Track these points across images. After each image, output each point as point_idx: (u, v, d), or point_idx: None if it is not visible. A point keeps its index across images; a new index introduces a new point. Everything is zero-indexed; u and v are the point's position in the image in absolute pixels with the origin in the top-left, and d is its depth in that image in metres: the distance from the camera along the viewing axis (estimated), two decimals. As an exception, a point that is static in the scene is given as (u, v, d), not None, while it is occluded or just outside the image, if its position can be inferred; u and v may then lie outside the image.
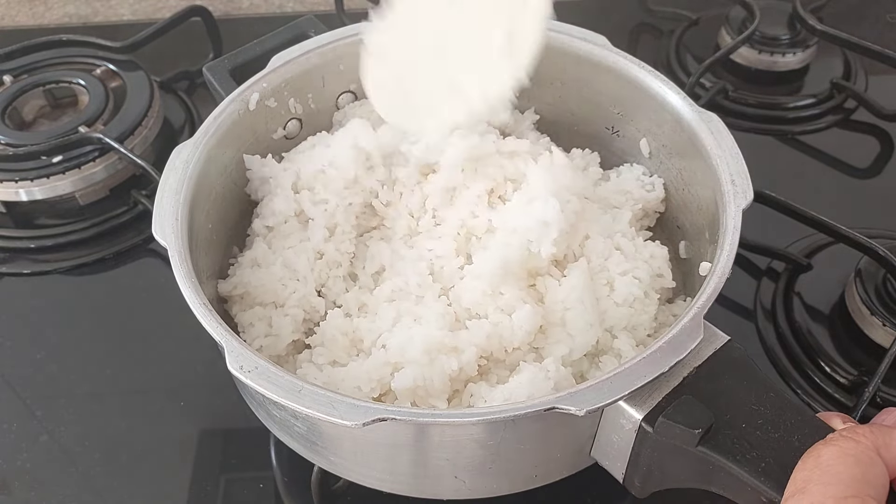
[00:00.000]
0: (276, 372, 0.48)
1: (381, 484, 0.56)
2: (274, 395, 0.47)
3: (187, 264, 0.54)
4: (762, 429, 0.47)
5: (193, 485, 0.65)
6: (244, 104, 0.66)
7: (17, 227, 0.85)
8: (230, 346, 0.50)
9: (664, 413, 0.47)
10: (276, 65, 0.68)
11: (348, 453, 0.55)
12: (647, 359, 0.48)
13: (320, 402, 0.47)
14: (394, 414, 0.46)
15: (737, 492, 0.47)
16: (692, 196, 0.65)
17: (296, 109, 0.70)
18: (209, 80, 0.72)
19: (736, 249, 0.54)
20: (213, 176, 0.63)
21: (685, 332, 0.49)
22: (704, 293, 0.52)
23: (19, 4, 1.14)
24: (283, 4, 1.15)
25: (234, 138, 0.65)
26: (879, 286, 0.71)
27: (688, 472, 0.49)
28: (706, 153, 0.61)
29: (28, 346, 0.75)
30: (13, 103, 0.90)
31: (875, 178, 0.89)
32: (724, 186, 0.58)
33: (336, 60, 0.70)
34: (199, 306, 0.52)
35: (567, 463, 0.56)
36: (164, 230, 0.56)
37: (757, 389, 0.49)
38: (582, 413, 0.46)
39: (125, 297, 0.79)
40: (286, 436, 0.57)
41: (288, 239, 0.64)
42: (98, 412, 0.70)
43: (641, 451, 0.50)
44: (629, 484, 0.53)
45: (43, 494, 0.65)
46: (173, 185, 0.59)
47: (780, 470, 0.44)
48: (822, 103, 0.94)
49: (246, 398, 0.60)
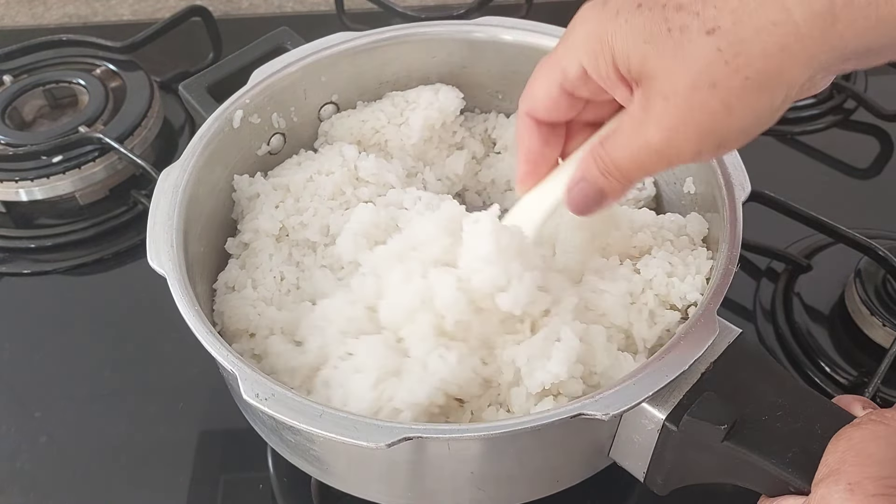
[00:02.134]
0: (294, 397, 0.47)
1: (400, 502, 0.55)
2: (295, 421, 0.46)
3: (188, 292, 0.53)
4: (783, 420, 0.47)
5: (193, 485, 0.65)
6: (228, 122, 0.65)
7: (17, 227, 0.85)
8: (243, 374, 0.48)
9: (688, 411, 0.47)
10: (257, 80, 0.67)
11: (368, 474, 0.54)
12: (666, 359, 0.48)
13: (342, 426, 0.46)
14: (419, 432, 0.46)
15: (763, 483, 0.47)
16: (685, 191, 0.65)
17: (279, 124, 0.69)
18: (186, 98, 0.70)
19: (740, 243, 0.54)
20: (202, 198, 0.62)
21: (700, 328, 0.50)
22: (714, 289, 0.52)
23: (19, 4, 1.14)
24: (283, 4, 1.14)
25: (221, 157, 0.64)
26: (879, 286, 0.71)
27: (712, 467, 0.49)
28: None
29: (28, 346, 0.75)
30: (13, 103, 0.90)
31: (875, 178, 0.89)
32: (720, 180, 0.58)
33: (317, 72, 0.69)
34: (206, 334, 0.51)
35: (587, 466, 0.56)
36: (161, 258, 0.55)
37: (774, 380, 0.49)
38: (608, 418, 0.46)
39: (125, 297, 0.78)
40: (301, 460, 0.56)
41: (259, 256, 0.63)
42: (97, 413, 0.70)
43: (665, 450, 0.50)
44: (651, 482, 0.53)
45: (41, 496, 0.65)
46: (165, 211, 0.58)
47: (807, 459, 0.44)
48: (822, 103, 0.94)
49: (255, 425, 0.59)
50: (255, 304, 0.60)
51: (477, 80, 0.74)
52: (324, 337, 0.56)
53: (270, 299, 0.61)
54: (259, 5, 1.14)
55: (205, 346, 0.51)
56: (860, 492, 0.40)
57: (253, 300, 0.60)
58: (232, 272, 0.63)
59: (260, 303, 0.60)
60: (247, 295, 0.60)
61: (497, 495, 0.54)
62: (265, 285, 0.61)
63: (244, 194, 0.66)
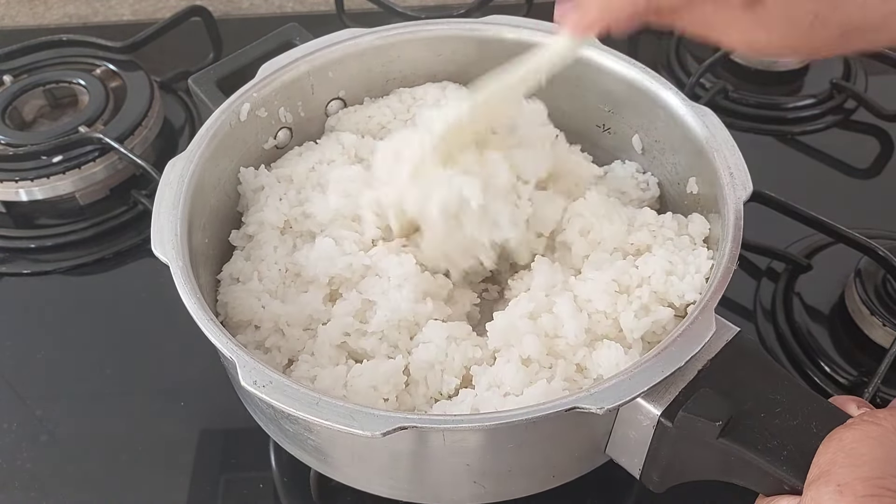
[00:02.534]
0: (291, 385, 0.48)
1: (399, 493, 0.56)
2: (291, 408, 0.47)
3: (191, 280, 0.54)
4: (780, 417, 0.47)
5: (193, 485, 0.65)
6: (235, 115, 0.65)
7: (17, 227, 0.85)
8: (242, 362, 0.49)
9: (683, 407, 0.47)
10: (265, 74, 0.67)
11: (366, 465, 0.54)
12: (662, 354, 0.49)
13: (339, 414, 0.46)
14: (414, 422, 0.46)
15: (758, 481, 0.47)
16: (688, 191, 0.65)
17: (286, 118, 0.69)
18: (195, 91, 0.71)
19: (741, 242, 0.55)
20: (207, 189, 0.62)
21: (698, 325, 0.50)
22: (713, 287, 0.52)
23: (19, 4, 1.14)
24: (283, 4, 1.15)
25: (227, 150, 0.64)
26: (879, 286, 0.71)
27: (708, 464, 0.49)
28: (702, 147, 0.61)
29: (28, 346, 0.75)
30: (13, 103, 0.90)
31: (875, 178, 0.89)
32: (722, 179, 0.58)
33: (324, 68, 0.69)
34: (206, 322, 0.51)
35: (583, 461, 0.56)
36: (165, 246, 0.55)
37: (771, 378, 0.49)
38: (602, 412, 0.46)
39: (125, 297, 0.79)
40: (299, 450, 0.57)
41: (263, 248, 0.63)
42: (98, 412, 0.70)
43: (660, 447, 0.50)
44: (646, 479, 0.53)
45: (42, 494, 0.65)
46: (170, 201, 0.58)
47: (802, 457, 0.44)
48: (822, 103, 0.94)
49: (255, 414, 0.59)
50: (259, 296, 0.60)
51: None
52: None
53: (275, 291, 0.61)
54: (259, 5, 1.14)
55: (205, 334, 0.51)
56: (850, 493, 0.39)
57: (258, 292, 0.60)
58: (237, 263, 0.63)
59: (265, 294, 0.60)
60: (252, 287, 0.61)
61: (494, 489, 0.54)
62: (270, 277, 0.61)
63: (249, 186, 0.66)
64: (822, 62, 0.97)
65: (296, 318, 0.59)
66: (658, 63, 1.00)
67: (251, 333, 0.60)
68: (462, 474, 0.52)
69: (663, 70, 0.99)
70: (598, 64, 0.68)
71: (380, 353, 0.57)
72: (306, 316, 0.60)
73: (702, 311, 0.51)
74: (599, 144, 0.72)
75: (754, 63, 0.97)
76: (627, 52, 0.67)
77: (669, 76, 0.98)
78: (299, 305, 0.60)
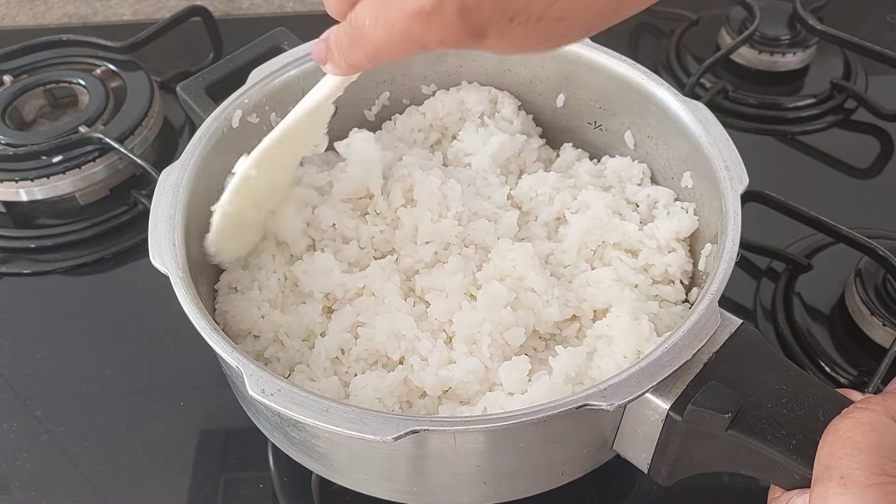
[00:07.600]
0: (300, 392, 0.47)
1: (408, 497, 0.55)
2: (301, 416, 0.46)
3: (192, 290, 0.53)
4: (787, 407, 0.47)
5: (193, 485, 0.65)
6: (227, 122, 0.64)
7: (17, 227, 0.85)
8: (249, 371, 0.48)
9: (692, 400, 0.48)
10: (255, 80, 0.67)
11: (374, 470, 0.54)
12: (668, 349, 0.49)
13: (350, 420, 0.46)
14: (426, 425, 0.46)
15: (768, 472, 0.47)
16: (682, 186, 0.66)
17: (277, 124, 0.69)
18: (184, 99, 0.70)
19: (739, 234, 0.55)
20: (202, 198, 0.61)
21: (703, 318, 0.50)
22: (715, 279, 0.52)
23: (19, 4, 1.14)
24: (284, 4, 1.15)
25: (220, 157, 0.64)
26: (879, 286, 0.71)
27: (717, 456, 0.49)
28: (696, 142, 0.61)
29: (28, 346, 0.75)
30: (13, 103, 0.90)
31: (875, 178, 0.89)
32: (719, 173, 0.58)
33: (314, 72, 0.68)
34: (210, 332, 0.51)
35: (591, 458, 0.56)
36: (164, 257, 0.55)
37: (776, 369, 0.49)
38: (612, 408, 0.46)
39: (125, 297, 0.79)
40: (306, 457, 0.56)
41: (261, 256, 0.63)
42: (98, 412, 0.70)
43: (669, 440, 0.50)
44: (655, 473, 0.53)
45: (43, 494, 0.65)
46: (166, 211, 0.58)
47: (810, 446, 0.44)
48: (822, 103, 0.94)
49: (258, 422, 0.59)
50: (259, 306, 0.60)
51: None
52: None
53: (274, 301, 0.61)
54: (259, 5, 1.14)
55: (209, 344, 0.51)
56: (853, 484, 0.40)
57: (258, 302, 0.60)
58: (234, 273, 0.63)
59: (265, 304, 0.60)
60: (252, 296, 0.61)
61: (502, 489, 0.54)
62: (269, 287, 0.61)
63: None
64: (822, 62, 0.97)
65: (295, 329, 0.59)
66: (658, 63, 1.00)
67: (250, 343, 0.60)
68: (471, 475, 0.52)
69: (663, 70, 0.99)
70: (589, 61, 0.68)
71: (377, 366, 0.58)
72: (305, 327, 0.60)
73: (707, 305, 0.51)
74: (591, 141, 0.72)
75: (754, 63, 0.97)
76: (627, 51, 0.67)
77: (669, 76, 0.98)
78: (298, 316, 0.60)
